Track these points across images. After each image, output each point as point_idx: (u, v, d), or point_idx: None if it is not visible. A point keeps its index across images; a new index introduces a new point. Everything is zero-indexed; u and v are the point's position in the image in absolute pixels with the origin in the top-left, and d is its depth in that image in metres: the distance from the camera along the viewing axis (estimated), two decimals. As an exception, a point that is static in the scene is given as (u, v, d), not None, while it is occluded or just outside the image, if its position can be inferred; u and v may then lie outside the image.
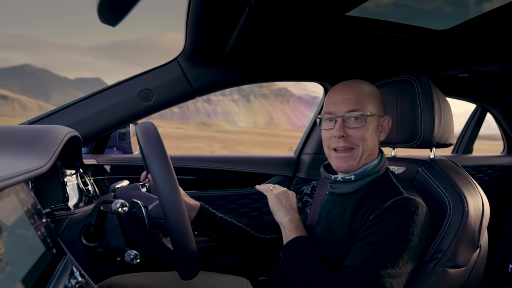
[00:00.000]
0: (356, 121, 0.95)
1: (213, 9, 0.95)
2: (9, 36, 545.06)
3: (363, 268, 0.83)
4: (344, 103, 0.96)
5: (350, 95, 0.97)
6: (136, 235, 0.86)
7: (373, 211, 0.90)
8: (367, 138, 0.96)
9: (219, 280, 1.13)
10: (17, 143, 0.64)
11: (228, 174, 1.68)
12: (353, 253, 0.88)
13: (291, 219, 0.98)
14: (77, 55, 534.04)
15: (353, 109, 0.95)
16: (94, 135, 1.33)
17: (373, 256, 0.84)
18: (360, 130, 0.95)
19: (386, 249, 0.84)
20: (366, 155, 0.98)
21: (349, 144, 0.96)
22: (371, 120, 0.97)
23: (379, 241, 0.85)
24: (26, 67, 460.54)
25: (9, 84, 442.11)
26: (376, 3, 1.09)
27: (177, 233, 0.70)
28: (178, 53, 1.38)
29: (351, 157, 0.97)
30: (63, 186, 1.03)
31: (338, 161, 0.99)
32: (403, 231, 0.85)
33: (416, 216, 0.87)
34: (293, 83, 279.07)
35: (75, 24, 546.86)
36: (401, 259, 0.84)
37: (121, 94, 1.33)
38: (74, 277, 0.58)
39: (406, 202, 0.88)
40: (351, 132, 0.96)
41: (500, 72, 1.69)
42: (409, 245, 0.85)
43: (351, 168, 0.98)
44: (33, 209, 0.57)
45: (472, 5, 1.09)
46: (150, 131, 0.75)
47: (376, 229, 0.87)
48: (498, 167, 2.25)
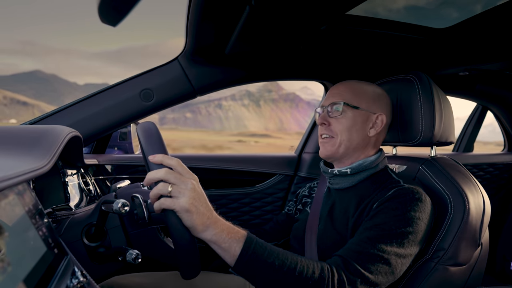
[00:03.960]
0: (336, 112, 1.01)
1: (214, 8, 0.95)
2: (17, 42, 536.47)
3: (367, 245, 0.82)
4: (331, 96, 1.05)
5: (337, 89, 1.05)
6: (137, 232, 0.86)
7: (377, 200, 0.91)
8: (346, 129, 1.01)
9: (220, 279, 1.13)
10: (18, 143, 0.64)
11: (229, 173, 1.68)
12: (357, 235, 0.87)
13: (217, 229, 0.71)
14: (84, 60, 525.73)
15: (336, 101, 1.02)
16: (95, 135, 1.33)
17: (378, 235, 0.83)
18: (339, 120, 1.01)
19: (392, 229, 0.83)
20: (347, 145, 1.01)
21: (329, 132, 1.03)
22: (355, 112, 1.00)
23: (385, 222, 0.85)
24: (37, 73, 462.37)
25: (23, 90, 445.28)
26: (376, 2, 1.08)
27: (178, 232, 0.70)
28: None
29: (329, 143, 1.03)
30: (64, 186, 1.03)
31: (321, 147, 1.06)
32: (409, 215, 0.85)
33: (420, 203, 0.87)
34: (300, 88, 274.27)
35: (82, 30, 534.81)
36: (406, 240, 0.83)
37: (122, 93, 1.33)
38: (76, 277, 0.58)
39: (409, 191, 0.89)
40: (332, 121, 1.02)
41: (500, 70, 1.68)
42: (414, 228, 0.85)
43: (329, 154, 1.03)
44: (34, 209, 0.57)
45: (473, 4, 1.09)
46: (151, 131, 0.75)
47: (381, 213, 0.87)
48: (499, 165, 2.25)
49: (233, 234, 0.72)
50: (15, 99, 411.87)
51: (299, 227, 1.12)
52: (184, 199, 0.67)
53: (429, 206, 0.90)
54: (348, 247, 0.84)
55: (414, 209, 0.86)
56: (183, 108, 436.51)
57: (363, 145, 1.03)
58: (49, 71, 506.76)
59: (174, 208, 0.68)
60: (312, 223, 1.06)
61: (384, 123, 1.03)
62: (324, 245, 0.98)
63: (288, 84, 47.11)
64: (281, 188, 1.73)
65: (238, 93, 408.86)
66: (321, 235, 1.01)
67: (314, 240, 1.01)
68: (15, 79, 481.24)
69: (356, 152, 1.03)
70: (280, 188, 1.73)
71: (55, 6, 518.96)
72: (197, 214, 0.68)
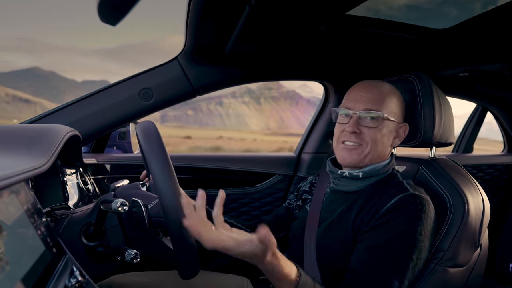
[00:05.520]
0: (371, 121, 0.95)
1: (214, 8, 0.95)
2: (14, 38, 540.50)
3: (369, 271, 0.82)
4: (363, 101, 0.96)
5: (371, 94, 0.97)
6: (136, 234, 0.86)
7: (379, 209, 0.89)
8: (378, 140, 0.96)
9: (219, 279, 1.13)
10: (17, 142, 0.64)
11: (228, 173, 1.68)
12: (359, 255, 0.86)
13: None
14: (83, 57, 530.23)
15: (371, 108, 0.95)
16: (94, 134, 1.33)
17: (382, 259, 0.82)
18: (373, 130, 0.95)
19: (394, 251, 0.82)
20: (373, 156, 0.97)
21: (359, 140, 0.96)
22: (387, 123, 0.97)
23: (387, 241, 0.83)
24: (36, 70, 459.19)
25: (23, 87, 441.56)
26: (376, 3, 1.08)
27: (177, 232, 0.70)
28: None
29: (357, 151, 0.97)
30: (63, 185, 1.03)
31: (344, 152, 0.99)
32: (412, 231, 0.84)
33: (423, 214, 0.86)
34: (299, 86, 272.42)
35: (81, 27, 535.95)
36: (410, 262, 0.83)
37: (121, 93, 1.33)
38: (74, 276, 0.58)
39: (412, 199, 0.88)
40: (364, 130, 0.96)
41: (500, 71, 1.68)
42: (417, 246, 0.84)
43: (354, 162, 0.98)
44: (33, 208, 0.57)
45: (472, 4, 1.09)
46: (150, 130, 0.75)
47: (383, 229, 0.86)
48: (498, 166, 2.25)
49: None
50: (17, 97, 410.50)
51: (298, 227, 1.11)
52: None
53: (432, 214, 0.89)
54: (355, 275, 0.83)
55: (416, 224, 0.85)
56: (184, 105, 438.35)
57: (385, 153, 1.01)
58: (47, 68, 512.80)
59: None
60: (311, 223, 1.05)
61: (407, 133, 1.03)
62: (324, 247, 0.97)
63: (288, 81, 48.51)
64: (280, 188, 1.73)
65: (238, 90, 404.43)
66: (320, 237, 0.99)
67: (313, 241, 1.00)
68: (14, 76, 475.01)
69: (376, 159, 0.99)
70: (279, 188, 1.73)
71: (53, 3, 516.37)
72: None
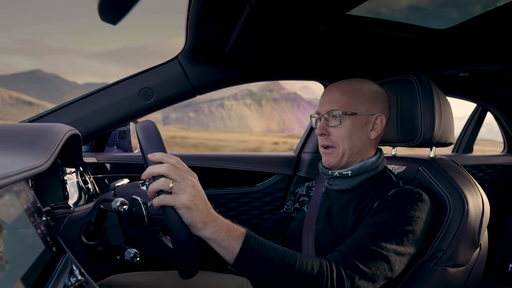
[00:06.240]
0: (335, 120, 0.99)
1: (214, 7, 0.95)
2: (16, 41, 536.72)
3: (367, 241, 0.82)
4: (326, 103, 1.01)
5: (332, 94, 1.01)
6: (136, 233, 0.86)
7: (377, 200, 0.91)
8: (347, 137, 0.98)
9: (219, 279, 1.13)
10: (17, 141, 0.64)
11: (228, 172, 1.68)
12: (357, 232, 0.87)
13: (216, 226, 0.71)
14: (84, 60, 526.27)
15: (333, 108, 0.98)
16: (94, 133, 1.33)
17: (378, 232, 0.83)
18: (338, 129, 0.99)
19: (392, 227, 0.83)
20: (351, 153, 0.99)
21: (329, 142, 1.01)
22: (353, 119, 0.98)
23: (385, 220, 0.85)
24: (37, 72, 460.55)
25: (25, 90, 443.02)
26: (376, 3, 1.08)
27: (176, 231, 0.70)
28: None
29: (332, 154, 1.01)
30: (63, 184, 1.03)
31: (324, 156, 1.04)
32: (409, 213, 0.85)
33: (420, 202, 0.88)
34: (300, 88, 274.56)
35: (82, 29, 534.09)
36: (405, 238, 0.83)
37: (122, 92, 1.33)
38: (74, 275, 0.58)
39: (409, 191, 0.89)
40: (331, 131, 1.00)
41: (500, 72, 1.69)
42: (414, 227, 0.85)
43: (334, 165, 1.02)
44: (33, 207, 0.57)
45: (473, 5, 1.09)
46: (150, 129, 0.75)
47: (382, 212, 0.87)
48: (498, 167, 2.25)
49: (232, 232, 0.72)
50: (21, 99, 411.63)
51: (296, 227, 1.11)
52: (184, 196, 0.68)
53: (429, 206, 0.90)
54: (348, 243, 0.84)
55: (414, 208, 0.86)
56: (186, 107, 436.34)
57: (365, 148, 1.02)
58: (49, 71, 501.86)
59: (174, 205, 0.67)
60: (309, 222, 1.06)
61: (384, 123, 1.03)
62: (322, 245, 0.98)
63: (289, 83, 46.66)
64: (280, 188, 1.74)
65: (240, 92, 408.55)
66: (318, 235, 1.01)
67: (311, 239, 1.01)
68: (16, 79, 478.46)
69: (358, 155, 1.02)
70: (279, 187, 1.73)
71: (54, 5, 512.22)
72: (196, 212, 0.68)
